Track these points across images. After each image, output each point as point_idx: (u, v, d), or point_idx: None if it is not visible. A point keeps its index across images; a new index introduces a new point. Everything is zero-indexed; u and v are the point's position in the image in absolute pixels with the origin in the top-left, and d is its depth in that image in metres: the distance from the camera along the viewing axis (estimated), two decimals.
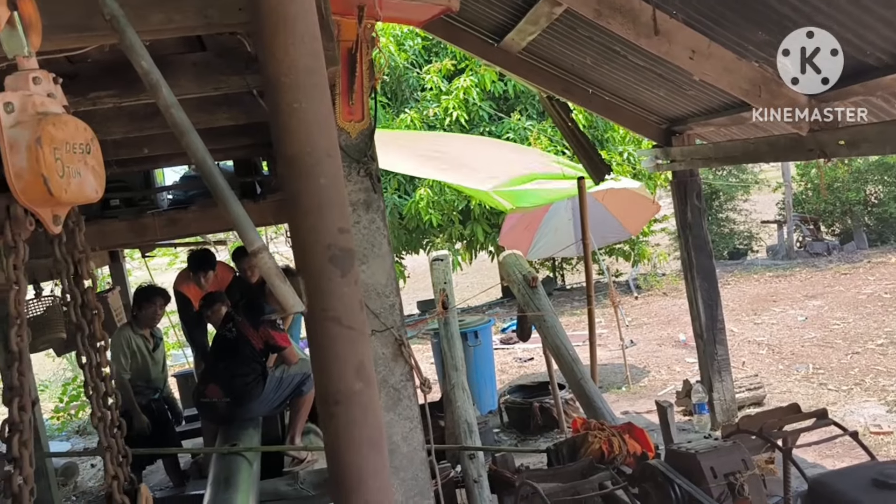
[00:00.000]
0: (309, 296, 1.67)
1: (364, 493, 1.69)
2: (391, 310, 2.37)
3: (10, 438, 1.45)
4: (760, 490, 2.89)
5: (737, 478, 2.83)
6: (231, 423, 4.58)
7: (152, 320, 5.62)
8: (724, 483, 2.84)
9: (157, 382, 5.74)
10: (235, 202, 1.65)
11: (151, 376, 5.66)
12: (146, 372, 5.60)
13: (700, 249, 6.02)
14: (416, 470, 2.40)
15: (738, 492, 2.81)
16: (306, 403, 4.87)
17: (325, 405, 1.70)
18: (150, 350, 5.63)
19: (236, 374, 4.53)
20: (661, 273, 14.95)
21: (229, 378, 4.54)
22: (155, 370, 5.69)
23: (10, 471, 1.44)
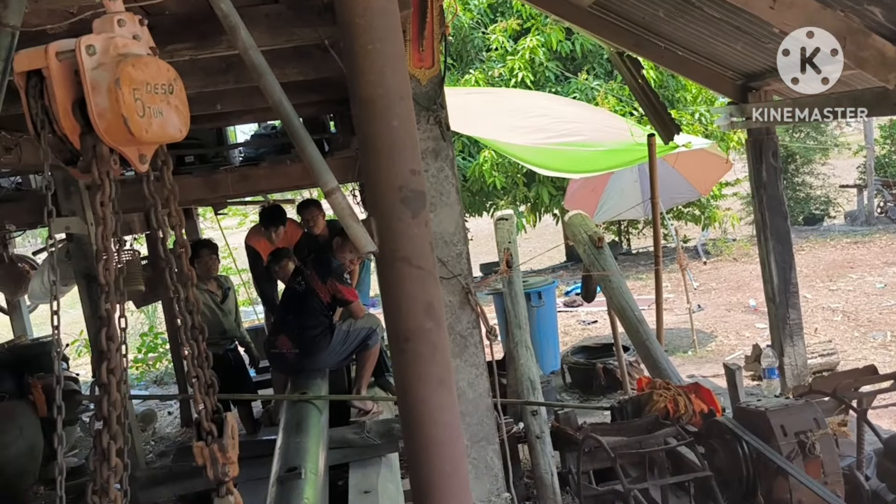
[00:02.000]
0: (380, 236, 1.71)
1: (431, 427, 1.74)
2: (458, 258, 2.39)
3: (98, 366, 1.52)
4: (832, 450, 2.83)
5: (808, 436, 2.78)
6: (300, 373, 4.71)
7: (208, 272, 5.73)
8: (795, 441, 2.80)
9: (231, 332, 5.93)
10: (311, 143, 1.68)
11: (225, 327, 5.85)
12: (218, 325, 5.79)
13: (774, 210, 5.83)
14: (482, 416, 2.44)
15: (809, 450, 2.76)
16: (372, 357, 4.96)
17: (396, 342, 1.75)
18: (219, 302, 5.79)
19: (305, 326, 4.65)
20: (731, 238, 14.54)
21: (298, 330, 4.66)
22: (227, 321, 5.87)
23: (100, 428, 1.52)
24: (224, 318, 5.80)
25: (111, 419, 1.48)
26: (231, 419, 1.77)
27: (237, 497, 1.77)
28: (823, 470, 2.76)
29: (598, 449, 3.43)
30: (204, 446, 1.69)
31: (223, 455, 1.68)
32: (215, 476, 1.69)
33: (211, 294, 5.74)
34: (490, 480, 2.46)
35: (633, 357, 6.52)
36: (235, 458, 1.78)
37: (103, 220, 1.63)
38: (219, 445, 1.68)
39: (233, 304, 6.02)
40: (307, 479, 2.97)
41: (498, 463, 2.46)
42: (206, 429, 1.69)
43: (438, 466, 1.73)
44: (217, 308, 5.76)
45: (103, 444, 1.49)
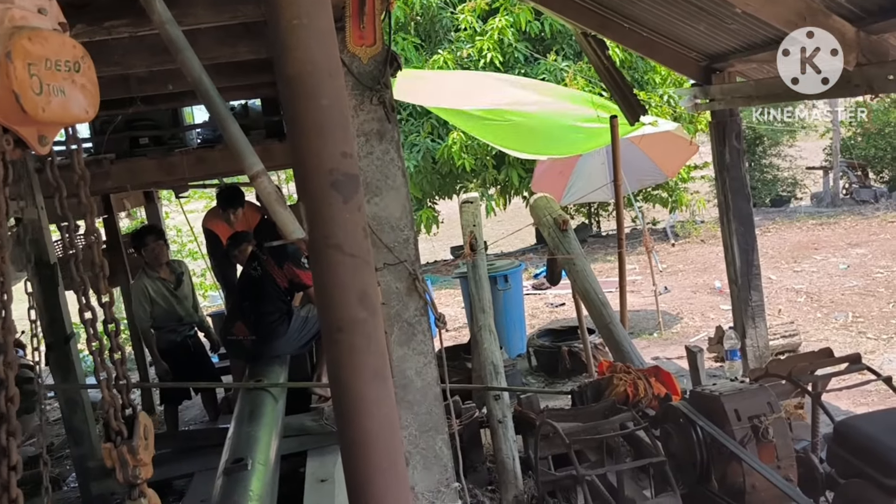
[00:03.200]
0: (310, 222, 1.63)
1: (367, 421, 1.67)
2: (405, 244, 2.32)
3: None
4: (786, 434, 2.82)
5: (761, 421, 2.77)
6: (258, 360, 4.63)
7: (157, 259, 5.56)
8: (748, 426, 2.78)
9: (189, 318, 5.81)
10: (234, 123, 1.59)
11: (181, 314, 5.72)
12: (174, 312, 5.66)
13: (737, 192, 5.82)
14: (430, 405, 2.38)
15: (763, 435, 2.75)
16: None
17: (329, 333, 1.67)
18: (172, 289, 5.65)
19: (262, 312, 4.56)
20: (699, 220, 14.65)
21: (255, 316, 4.57)
22: (183, 307, 5.73)
23: None
24: (179, 304, 5.67)
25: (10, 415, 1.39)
26: (144, 419, 1.68)
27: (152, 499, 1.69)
28: (777, 454, 2.76)
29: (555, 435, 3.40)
30: (112, 448, 1.61)
31: (133, 457, 1.59)
32: (125, 479, 1.60)
33: (163, 281, 5.60)
34: (439, 470, 2.41)
35: (598, 339, 6.52)
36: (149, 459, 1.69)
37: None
38: (128, 447, 1.59)
39: (188, 290, 5.88)
40: (254, 470, 2.90)
41: (447, 452, 2.41)
42: (114, 429, 1.61)
43: (375, 461, 1.66)
44: (171, 295, 5.62)
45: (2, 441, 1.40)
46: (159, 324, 5.58)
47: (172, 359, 5.56)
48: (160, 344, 5.59)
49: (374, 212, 2.27)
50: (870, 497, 2.40)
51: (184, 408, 6.88)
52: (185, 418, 6.74)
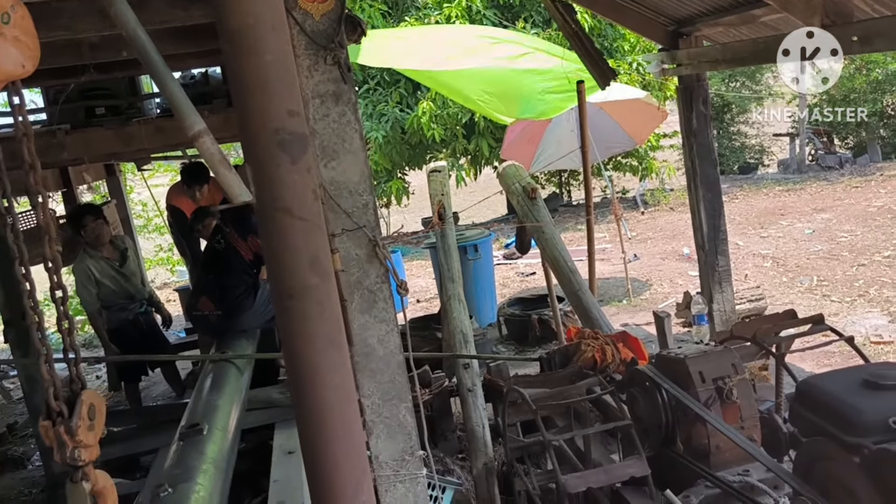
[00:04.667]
0: (256, 185, 1.56)
1: (321, 389, 1.62)
2: (364, 209, 2.25)
3: None
4: (749, 395, 2.84)
5: (725, 382, 2.78)
6: (224, 334, 4.56)
7: (98, 238, 5.40)
8: (713, 387, 2.79)
9: (139, 295, 5.68)
10: (173, 81, 1.51)
11: (130, 292, 5.57)
12: (123, 289, 5.51)
13: (704, 158, 5.83)
14: (393, 373, 2.34)
15: (727, 396, 2.76)
16: None
17: (280, 300, 1.61)
18: (118, 267, 5.50)
19: (226, 286, 4.48)
20: (668, 189, 14.73)
21: (220, 290, 4.50)
22: (131, 285, 5.59)
23: None
24: (127, 282, 5.53)
25: None
26: (90, 398, 1.61)
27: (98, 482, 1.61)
28: (741, 415, 2.77)
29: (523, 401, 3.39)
30: (50, 426, 1.53)
31: (71, 438, 1.52)
32: (63, 460, 1.53)
33: (107, 260, 5.43)
34: (403, 439, 2.38)
35: (568, 307, 6.53)
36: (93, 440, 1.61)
37: None
38: (66, 427, 1.52)
39: (134, 266, 5.73)
40: (211, 435, 2.86)
41: (411, 420, 2.38)
42: (54, 408, 1.54)
43: (330, 430, 1.63)
44: (117, 273, 5.47)
45: None
46: (108, 303, 5.43)
47: (125, 336, 5.44)
48: (111, 323, 5.45)
49: (332, 176, 2.20)
50: (831, 454, 2.42)
51: (150, 383, 6.79)
52: (153, 394, 6.66)
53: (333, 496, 1.64)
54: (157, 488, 2.49)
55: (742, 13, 4.82)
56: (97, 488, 1.62)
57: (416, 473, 2.39)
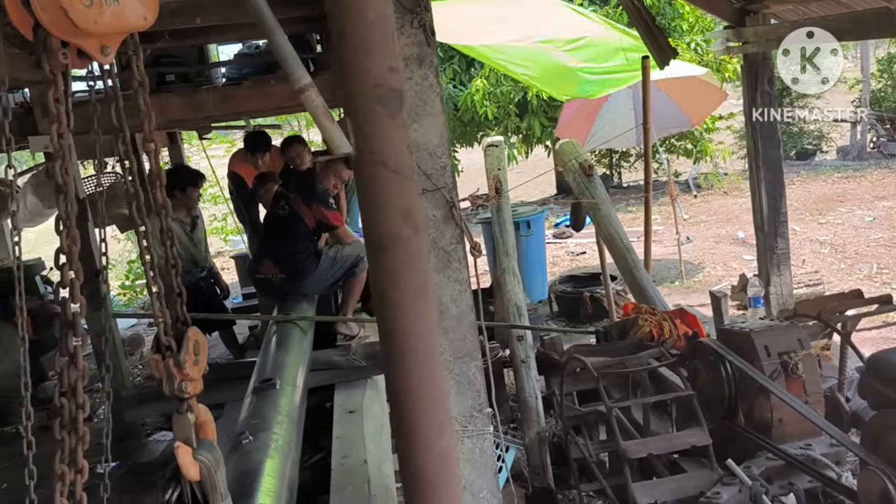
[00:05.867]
0: (356, 138, 1.63)
1: (409, 337, 1.70)
2: (443, 171, 2.32)
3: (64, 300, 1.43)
4: (815, 370, 2.84)
5: (791, 357, 2.78)
6: (286, 298, 4.68)
7: (190, 204, 5.60)
8: (778, 361, 2.80)
9: (202, 262, 5.87)
10: (281, 34, 1.59)
11: (196, 258, 5.76)
12: (189, 255, 5.69)
13: (767, 138, 5.75)
14: (465, 332, 2.41)
15: (792, 370, 2.77)
16: (358, 284, 4.93)
17: (373, 249, 1.69)
18: (188, 231, 5.69)
19: (290, 251, 4.58)
20: (723, 172, 14.47)
21: (284, 255, 4.60)
22: (198, 251, 5.78)
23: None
24: (195, 248, 5.72)
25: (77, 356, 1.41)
26: (194, 334, 1.71)
27: (200, 414, 1.73)
28: (805, 389, 2.78)
29: (582, 371, 3.44)
30: (160, 360, 1.64)
31: (179, 371, 1.62)
32: (171, 392, 1.64)
33: (181, 223, 5.62)
34: (472, 396, 2.45)
35: (620, 286, 6.53)
36: (198, 374, 1.72)
37: (57, 118, 1.54)
38: (175, 360, 1.63)
39: (202, 234, 5.93)
40: (283, 390, 2.97)
41: (480, 379, 2.45)
42: (163, 343, 1.64)
43: (415, 374, 1.70)
44: (187, 237, 5.64)
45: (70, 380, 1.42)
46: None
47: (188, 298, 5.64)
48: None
49: (413, 138, 2.25)
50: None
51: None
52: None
53: (417, 438, 1.72)
54: (238, 436, 2.61)
55: None
56: (200, 420, 1.74)
57: (483, 430, 2.46)
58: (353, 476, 3.14)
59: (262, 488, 2.30)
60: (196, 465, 1.71)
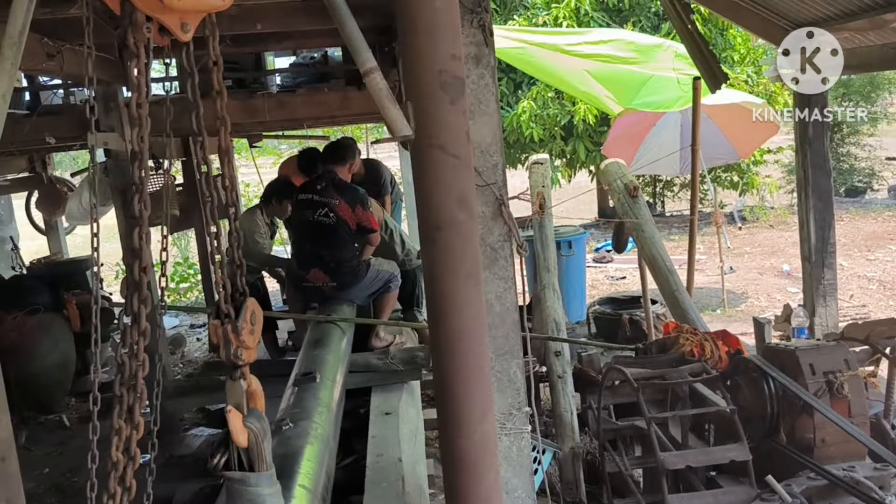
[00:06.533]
0: (416, 121, 1.68)
1: (458, 319, 1.73)
2: (494, 169, 2.36)
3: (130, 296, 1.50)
4: (861, 392, 2.79)
5: (836, 376, 2.74)
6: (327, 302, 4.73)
7: (279, 214, 5.90)
8: (823, 380, 2.76)
9: (264, 265, 6.07)
10: (350, 20, 1.65)
11: (258, 261, 5.94)
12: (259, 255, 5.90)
13: (818, 167, 5.67)
14: (508, 329, 2.43)
15: (837, 390, 2.72)
16: (391, 300, 5.01)
17: (426, 231, 1.73)
18: (267, 237, 5.95)
19: (341, 259, 4.61)
20: (769, 206, 14.26)
21: (335, 263, 4.61)
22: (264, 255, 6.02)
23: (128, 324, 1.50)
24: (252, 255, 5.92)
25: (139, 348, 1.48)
26: (251, 304, 1.77)
27: (252, 383, 1.78)
28: (850, 411, 2.73)
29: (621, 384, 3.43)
30: (219, 325, 1.71)
31: (236, 337, 1.68)
32: (227, 358, 1.70)
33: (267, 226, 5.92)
34: (512, 394, 2.47)
35: (660, 309, 6.48)
36: (253, 343, 1.78)
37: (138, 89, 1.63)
38: (232, 326, 1.69)
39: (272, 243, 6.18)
40: (323, 383, 3.02)
41: (521, 377, 2.47)
42: (223, 310, 1.70)
43: (462, 357, 1.73)
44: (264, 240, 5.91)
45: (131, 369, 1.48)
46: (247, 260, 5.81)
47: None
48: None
49: None
50: None
51: None
52: None
53: (461, 421, 1.74)
54: (279, 422, 2.66)
55: (872, 17, 4.68)
56: (251, 389, 1.79)
57: (521, 429, 2.47)
58: (387, 473, 3.17)
59: (302, 471, 2.35)
60: (245, 432, 1.76)
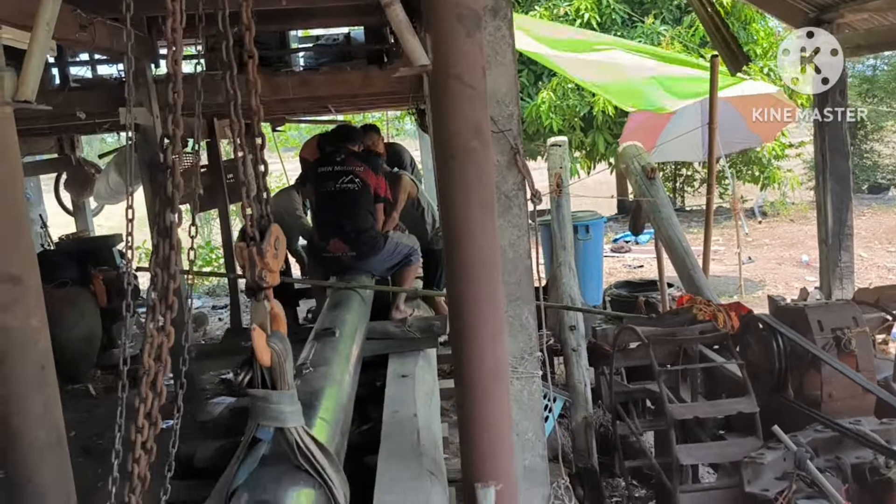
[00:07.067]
0: (434, 52, 1.77)
1: (471, 244, 1.82)
2: (509, 119, 2.44)
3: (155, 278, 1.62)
4: (869, 349, 2.83)
5: (844, 333, 2.78)
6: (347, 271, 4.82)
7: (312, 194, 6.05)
8: (831, 337, 2.81)
9: (290, 247, 6.24)
10: None
11: (290, 240, 6.13)
12: (288, 235, 6.04)
13: (836, 150, 5.69)
14: (521, 276, 2.51)
15: (845, 346, 2.77)
16: (411, 273, 5.08)
17: (442, 158, 1.82)
18: (304, 214, 6.09)
19: (361, 228, 4.67)
20: (790, 201, 14.19)
21: (354, 233, 4.69)
22: (295, 235, 6.15)
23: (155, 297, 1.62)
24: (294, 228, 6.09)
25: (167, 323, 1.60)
26: (276, 230, 1.87)
27: (275, 306, 1.87)
28: (857, 366, 2.77)
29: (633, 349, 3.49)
30: (245, 247, 1.81)
31: (261, 259, 1.78)
32: (251, 279, 1.80)
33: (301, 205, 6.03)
34: (524, 339, 2.54)
35: (677, 292, 6.51)
36: (276, 267, 1.88)
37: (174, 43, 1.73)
38: (257, 249, 1.79)
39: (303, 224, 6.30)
40: (342, 338, 3.11)
41: (533, 323, 2.54)
42: (249, 233, 1.80)
43: (476, 282, 1.81)
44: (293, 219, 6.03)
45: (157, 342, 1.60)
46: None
47: None
48: None
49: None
50: None
51: None
52: None
53: (474, 345, 1.83)
54: (300, 367, 2.76)
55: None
56: (274, 311, 1.89)
57: (532, 373, 2.55)
58: (403, 427, 3.25)
59: (322, 406, 2.44)
60: (268, 351, 1.85)
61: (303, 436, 1.94)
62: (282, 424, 1.89)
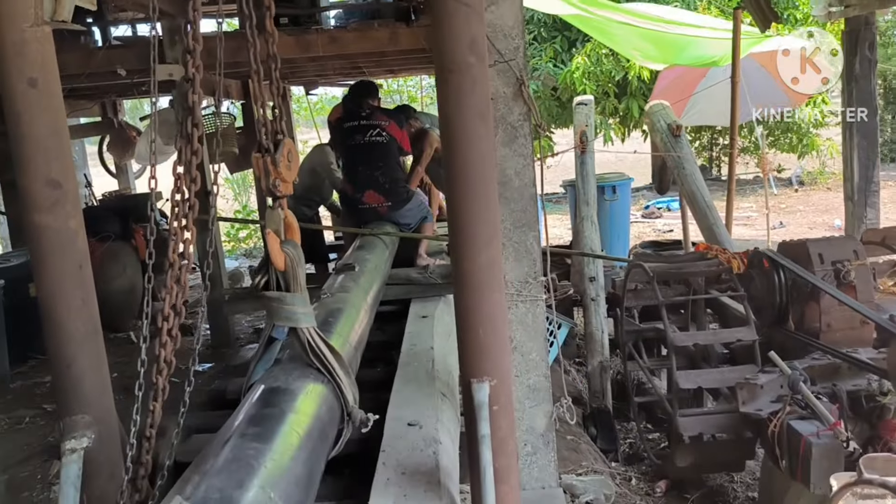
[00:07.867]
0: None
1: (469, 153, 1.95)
2: (515, 51, 2.54)
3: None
4: (868, 281, 2.90)
5: (844, 265, 2.85)
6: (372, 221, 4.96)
7: None
8: (831, 269, 2.88)
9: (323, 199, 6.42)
10: None
11: (323, 195, 6.30)
12: (321, 189, 6.20)
13: (864, 104, 5.65)
14: (526, 203, 2.63)
15: (844, 277, 2.84)
16: (429, 228, 5.20)
17: (440, 72, 1.95)
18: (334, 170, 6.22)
19: (394, 178, 4.80)
20: (828, 170, 13.93)
21: (388, 184, 4.81)
22: (326, 188, 6.30)
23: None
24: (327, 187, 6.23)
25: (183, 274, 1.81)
26: (289, 144, 2.03)
27: (288, 215, 2.04)
28: (856, 297, 2.84)
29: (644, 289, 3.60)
30: (260, 157, 1.97)
31: (275, 169, 1.94)
32: (266, 188, 1.97)
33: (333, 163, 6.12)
34: (528, 264, 2.67)
35: None
36: (289, 178, 2.04)
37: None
38: (272, 159, 1.95)
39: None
40: (362, 273, 3.28)
41: (537, 249, 2.66)
42: (263, 145, 1.97)
43: (472, 186, 1.94)
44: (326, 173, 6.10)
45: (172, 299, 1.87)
46: (303, 192, 6.03)
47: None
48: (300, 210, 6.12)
49: (490, 19, 2.50)
50: None
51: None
52: None
53: (469, 244, 1.97)
54: (320, 293, 2.94)
55: None
56: (287, 220, 2.05)
57: (536, 296, 2.68)
58: (419, 357, 3.42)
59: (338, 324, 2.62)
60: (282, 255, 2.02)
61: (314, 337, 2.11)
62: (294, 324, 2.07)
